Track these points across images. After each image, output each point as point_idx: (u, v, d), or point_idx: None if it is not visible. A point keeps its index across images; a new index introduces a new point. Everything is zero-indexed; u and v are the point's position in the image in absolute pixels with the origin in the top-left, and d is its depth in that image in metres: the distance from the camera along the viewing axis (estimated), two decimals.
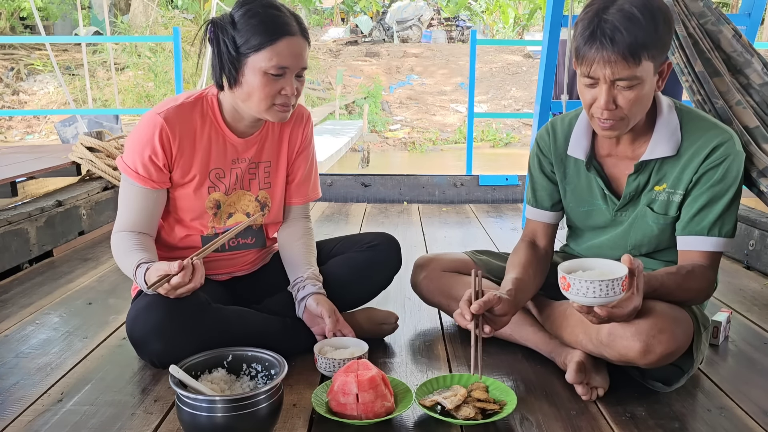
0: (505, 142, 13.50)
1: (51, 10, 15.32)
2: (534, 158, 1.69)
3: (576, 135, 1.57)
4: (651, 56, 1.32)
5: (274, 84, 1.46)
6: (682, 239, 1.48)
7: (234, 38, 1.44)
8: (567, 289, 1.25)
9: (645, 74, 1.33)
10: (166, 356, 1.42)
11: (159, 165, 1.53)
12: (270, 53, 1.43)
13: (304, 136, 1.73)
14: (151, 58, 13.63)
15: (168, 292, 1.40)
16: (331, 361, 1.48)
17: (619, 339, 1.35)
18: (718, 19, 1.82)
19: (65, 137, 7.55)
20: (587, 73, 1.35)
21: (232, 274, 1.75)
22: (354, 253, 1.77)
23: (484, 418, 1.31)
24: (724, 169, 1.42)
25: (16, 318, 1.94)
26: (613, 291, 1.22)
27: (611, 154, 1.55)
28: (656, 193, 1.50)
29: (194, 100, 1.57)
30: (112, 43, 11.53)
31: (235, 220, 1.66)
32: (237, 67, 1.46)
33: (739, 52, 1.80)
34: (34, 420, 1.34)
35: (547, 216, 1.69)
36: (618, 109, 1.36)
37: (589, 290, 1.22)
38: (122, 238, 1.54)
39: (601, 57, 1.31)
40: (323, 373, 1.51)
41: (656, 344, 1.31)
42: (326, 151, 8.97)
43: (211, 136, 1.57)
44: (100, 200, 3.09)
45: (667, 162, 1.48)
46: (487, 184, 4.00)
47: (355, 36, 18.65)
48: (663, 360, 1.35)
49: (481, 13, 20.22)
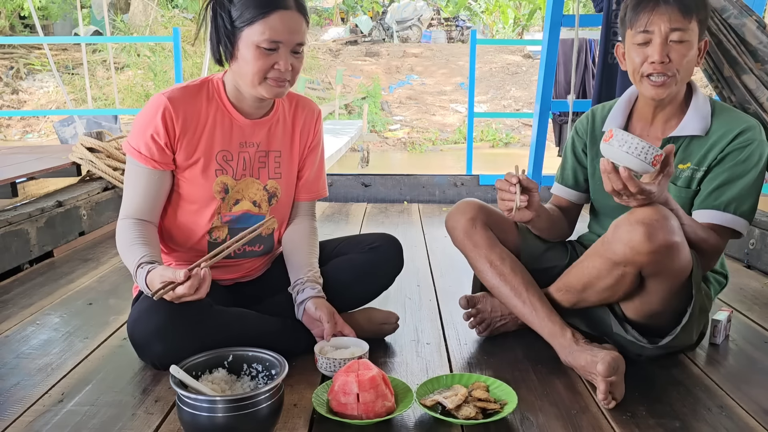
0: (504, 142, 13.50)
1: (52, 10, 15.31)
2: (570, 140, 1.84)
3: (614, 112, 1.69)
4: (698, 20, 1.48)
5: (266, 58, 1.45)
6: (698, 213, 1.55)
7: (230, 12, 1.45)
8: (608, 140, 1.32)
9: (693, 36, 1.49)
10: (168, 358, 1.41)
11: (161, 144, 1.52)
12: (263, 26, 1.43)
13: (315, 131, 1.73)
14: (151, 58, 13.63)
15: (172, 299, 1.38)
16: (332, 361, 1.48)
17: (624, 225, 1.40)
18: (741, 12, 1.81)
19: (64, 137, 7.55)
20: (643, 28, 1.49)
21: (235, 280, 1.74)
22: (356, 254, 1.77)
23: (484, 417, 1.31)
24: (748, 152, 1.52)
25: (17, 318, 1.94)
26: (645, 156, 1.28)
27: (643, 134, 1.65)
28: (680, 171, 1.59)
29: (200, 82, 1.58)
30: (112, 42, 11.52)
31: (241, 208, 1.63)
32: (232, 41, 1.47)
33: (765, 43, 1.79)
34: (34, 420, 1.34)
35: (569, 193, 1.83)
36: (670, 63, 1.49)
37: (627, 143, 1.28)
38: (126, 227, 1.53)
39: (658, 10, 1.47)
40: (324, 373, 1.51)
41: (659, 228, 1.35)
42: (326, 151, 8.95)
43: (216, 118, 1.57)
44: (100, 201, 3.09)
45: (694, 142, 1.57)
46: (487, 184, 4.01)
47: (355, 36, 18.63)
48: (665, 252, 1.37)
49: (480, 13, 20.21)
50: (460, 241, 1.72)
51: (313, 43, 17.47)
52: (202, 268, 1.36)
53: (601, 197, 1.73)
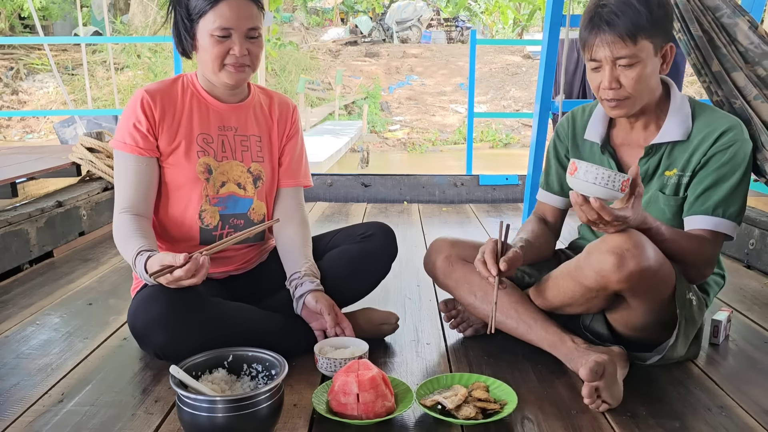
0: (504, 143, 13.50)
1: (53, 10, 15.30)
2: (551, 144, 1.79)
3: (594, 120, 1.67)
4: (648, 37, 1.42)
5: (220, 45, 1.54)
6: (688, 219, 1.53)
7: (187, 6, 1.54)
8: (573, 173, 1.31)
9: (644, 54, 1.44)
10: (169, 348, 1.44)
11: (143, 131, 1.58)
12: (213, 16, 1.51)
13: (292, 122, 1.80)
14: (151, 59, 13.63)
15: (169, 283, 1.41)
16: (332, 361, 1.48)
17: (596, 253, 1.39)
18: (734, 11, 1.80)
19: (64, 138, 7.56)
20: (591, 57, 1.48)
21: (229, 273, 1.75)
22: (349, 245, 1.77)
23: (484, 417, 1.31)
24: (731, 153, 1.49)
25: (17, 319, 1.94)
26: (612, 184, 1.27)
27: (624, 143, 1.63)
28: (667, 178, 1.57)
29: (174, 78, 1.68)
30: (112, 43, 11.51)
31: (228, 190, 1.67)
32: (191, 34, 1.56)
33: (756, 44, 1.78)
34: (34, 420, 1.34)
35: (554, 200, 1.78)
36: (622, 88, 1.47)
37: (592, 174, 1.28)
38: (122, 222, 1.57)
39: (600, 40, 1.44)
40: (324, 373, 1.51)
41: (629, 258, 1.33)
42: (326, 151, 8.96)
43: (192, 104, 1.65)
44: (100, 201, 3.09)
45: (677, 147, 1.55)
46: (487, 184, 4.00)
47: (355, 36, 18.64)
48: (636, 279, 1.35)
49: (480, 13, 20.22)
50: (441, 281, 1.74)
51: (313, 43, 17.48)
52: (201, 256, 1.40)
53: None
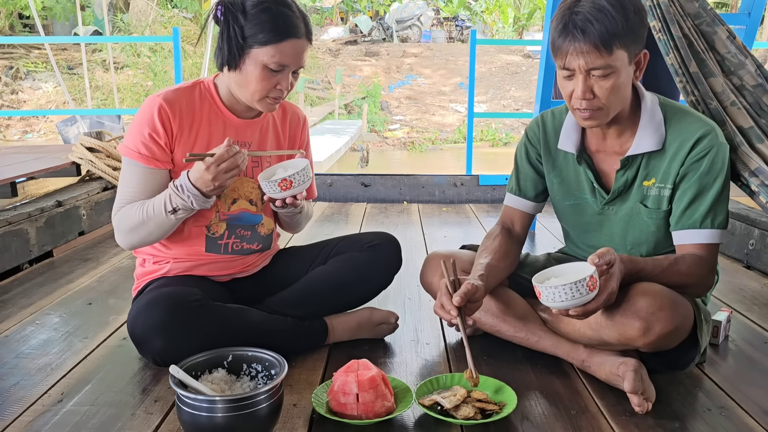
0: (504, 142, 13.51)
1: (56, 10, 15.29)
2: (522, 148, 1.72)
3: (566, 129, 1.60)
4: (623, 45, 1.36)
5: (271, 78, 1.50)
6: (677, 234, 1.50)
7: (243, 27, 1.47)
8: (540, 297, 1.32)
9: (619, 63, 1.37)
10: (168, 354, 1.43)
11: (161, 143, 1.54)
12: (274, 50, 1.47)
13: (302, 136, 1.79)
14: (151, 58, 13.64)
15: (209, 167, 1.43)
16: (274, 183, 1.51)
17: (620, 318, 1.37)
18: (713, 20, 1.82)
19: (67, 137, 7.55)
20: (563, 65, 1.40)
21: (232, 276, 1.75)
22: (355, 253, 1.77)
23: (483, 418, 1.31)
24: (709, 161, 1.45)
25: (16, 318, 1.94)
26: (579, 292, 1.27)
27: (600, 150, 1.58)
28: (647, 189, 1.53)
29: (191, 84, 1.62)
30: (112, 42, 11.52)
31: (239, 207, 1.66)
32: (240, 54, 1.50)
33: (734, 54, 1.80)
34: (34, 420, 1.34)
35: (527, 206, 1.72)
36: (595, 98, 1.40)
37: (557, 296, 1.28)
38: (125, 209, 1.55)
39: (574, 48, 1.36)
40: (272, 196, 1.54)
41: (655, 322, 1.33)
42: (326, 150, 8.97)
43: (210, 117, 1.60)
44: (100, 200, 3.09)
45: (653, 156, 1.51)
46: (487, 184, 4.00)
47: (355, 35, 18.63)
48: (662, 340, 1.36)
49: (480, 12, 20.21)
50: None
51: (313, 42, 17.48)
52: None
53: (570, 218, 1.69)
